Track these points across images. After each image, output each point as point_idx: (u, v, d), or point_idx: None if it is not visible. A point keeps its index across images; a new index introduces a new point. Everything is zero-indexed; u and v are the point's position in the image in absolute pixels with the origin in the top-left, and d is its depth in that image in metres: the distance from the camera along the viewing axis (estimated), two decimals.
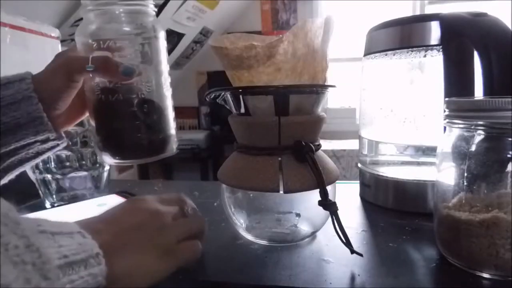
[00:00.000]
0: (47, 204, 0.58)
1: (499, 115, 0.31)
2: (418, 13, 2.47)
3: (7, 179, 0.38)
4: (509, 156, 0.31)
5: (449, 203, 0.36)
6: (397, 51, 0.50)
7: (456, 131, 0.35)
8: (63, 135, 0.39)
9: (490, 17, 0.43)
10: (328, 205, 0.36)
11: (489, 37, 0.40)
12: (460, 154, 0.34)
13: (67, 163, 0.57)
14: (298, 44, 0.39)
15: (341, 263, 0.37)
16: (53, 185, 0.57)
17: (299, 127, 0.39)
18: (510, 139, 0.31)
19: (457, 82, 0.45)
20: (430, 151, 0.52)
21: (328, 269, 0.36)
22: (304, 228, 0.43)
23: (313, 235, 0.43)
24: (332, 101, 2.73)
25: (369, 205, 0.55)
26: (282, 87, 0.39)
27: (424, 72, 0.52)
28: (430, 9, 2.52)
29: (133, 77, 0.36)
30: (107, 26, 0.36)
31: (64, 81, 0.35)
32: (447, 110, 0.36)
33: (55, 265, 0.20)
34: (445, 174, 0.37)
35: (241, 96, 0.40)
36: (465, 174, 0.34)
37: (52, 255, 0.21)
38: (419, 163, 0.55)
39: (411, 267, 0.36)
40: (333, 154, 2.18)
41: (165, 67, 0.39)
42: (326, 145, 2.23)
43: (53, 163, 0.56)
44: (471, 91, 0.43)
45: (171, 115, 0.40)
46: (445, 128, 0.37)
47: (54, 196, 0.58)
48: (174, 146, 0.41)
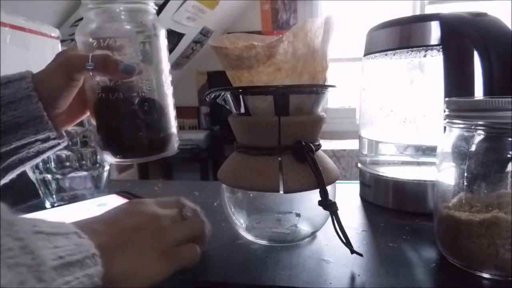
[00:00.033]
0: (47, 204, 0.58)
1: (499, 115, 0.31)
2: (418, 13, 2.47)
3: (8, 179, 0.38)
4: (509, 156, 0.31)
5: (449, 203, 0.36)
6: (397, 51, 0.50)
7: (456, 131, 0.35)
8: (64, 134, 0.39)
9: (490, 17, 0.43)
10: (328, 205, 0.36)
11: (489, 37, 0.40)
12: (460, 154, 0.34)
13: (67, 163, 0.57)
14: (298, 44, 0.39)
15: (341, 263, 0.37)
16: (53, 185, 0.57)
17: (299, 127, 0.39)
18: (510, 139, 0.31)
19: (457, 82, 0.45)
20: (430, 151, 0.52)
21: (328, 269, 0.36)
22: (304, 228, 0.43)
23: (313, 235, 0.43)
24: (332, 101, 2.73)
25: (369, 205, 0.55)
26: (282, 87, 0.39)
27: (424, 72, 0.52)
28: (430, 9, 2.52)
29: (133, 75, 0.35)
30: (107, 24, 0.36)
31: (64, 79, 0.35)
32: (447, 110, 0.36)
33: (50, 266, 0.20)
34: (445, 174, 0.37)
35: (241, 96, 0.40)
36: (465, 174, 0.34)
37: (47, 256, 0.21)
38: (419, 163, 0.55)
39: (411, 267, 0.36)
40: (333, 154, 2.18)
41: (165, 65, 0.39)
42: (326, 145, 2.23)
43: (53, 163, 0.56)
44: (471, 91, 0.43)
45: (172, 113, 0.40)
46: (445, 128, 0.37)
47: (54, 196, 0.58)
48: (175, 145, 0.41)
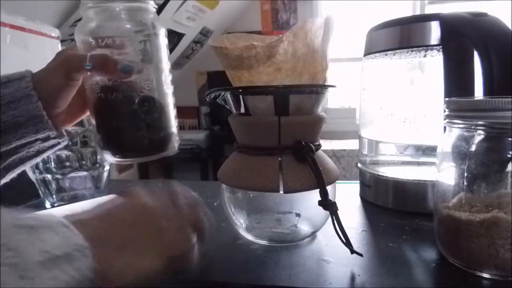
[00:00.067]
0: (47, 204, 0.58)
1: (499, 115, 0.31)
2: (418, 13, 2.47)
3: (8, 178, 0.38)
4: (509, 156, 0.31)
5: (449, 203, 0.36)
6: (397, 51, 0.50)
7: (456, 131, 0.35)
8: (64, 133, 0.39)
9: (490, 17, 0.43)
10: (328, 205, 0.36)
11: (489, 37, 0.40)
12: (460, 154, 0.34)
13: (67, 163, 0.57)
14: (298, 44, 0.39)
15: (341, 263, 0.37)
16: (53, 185, 0.57)
17: (299, 127, 0.39)
18: (510, 139, 0.31)
19: (457, 82, 0.45)
20: (430, 151, 0.52)
21: (328, 269, 0.36)
22: (304, 228, 0.43)
23: (313, 235, 0.43)
24: (332, 101, 2.73)
25: (369, 205, 0.55)
26: (282, 87, 0.39)
27: (424, 72, 0.52)
28: (430, 9, 2.52)
29: (132, 74, 0.35)
30: (106, 23, 0.36)
31: (63, 79, 0.35)
32: (447, 110, 0.36)
33: (35, 262, 0.19)
34: (445, 174, 0.37)
35: (241, 96, 0.40)
36: (465, 174, 0.34)
37: (31, 252, 0.20)
38: (419, 163, 0.55)
39: (411, 267, 0.36)
40: (333, 154, 2.18)
41: (165, 64, 0.39)
42: (326, 145, 2.23)
43: (53, 163, 0.56)
44: (471, 91, 0.43)
45: (172, 113, 0.40)
46: (445, 128, 0.37)
47: (54, 196, 0.58)
48: (175, 144, 0.41)
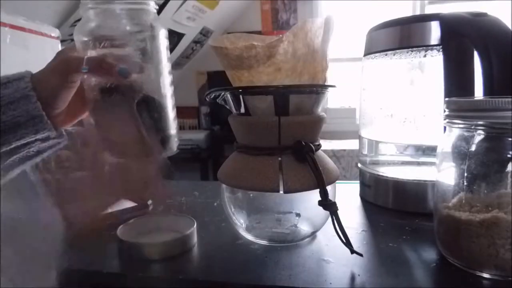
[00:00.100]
0: None
1: (499, 115, 0.31)
2: (418, 13, 2.47)
3: (8, 178, 0.38)
4: (509, 156, 0.31)
5: (449, 203, 0.36)
6: (397, 51, 0.50)
7: (456, 131, 0.35)
8: (64, 133, 0.39)
9: (490, 17, 0.43)
10: (328, 205, 0.36)
11: (489, 37, 0.40)
12: (460, 154, 0.34)
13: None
14: (298, 44, 0.39)
15: (341, 263, 0.37)
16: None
17: (299, 127, 0.39)
18: (510, 139, 0.31)
19: (457, 82, 0.44)
20: (430, 151, 0.52)
21: (328, 269, 0.36)
22: (304, 228, 0.43)
23: (313, 235, 0.43)
24: (332, 101, 2.73)
25: (369, 205, 0.55)
26: (282, 87, 0.39)
27: (424, 72, 0.52)
28: (430, 9, 2.52)
29: (129, 77, 0.35)
30: (106, 24, 0.36)
31: (61, 80, 0.35)
32: (447, 110, 0.36)
33: None
34: (445, 174, 0.37)
35: (241, 96, 0.40)
36: (465, 174, 0.34)
37: None
38: (419, 163, 0.55)
39: (411, 267, 0.36)
40: (333, 154, 2.18)
41: (165, 65, 0.39)
42: (326, 145, 2.23)
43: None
44: (471, 91, 0.43)
45: (171, 114, 0.40)
46: (445, 128, 0.37)
47: None
48: (174, 145, 0.41)
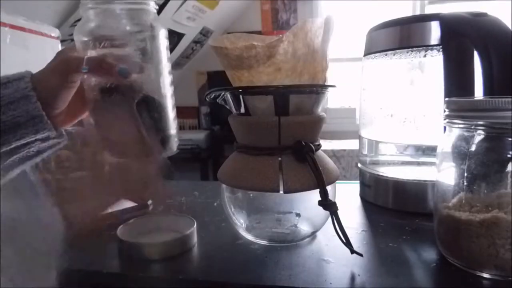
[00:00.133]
0: None
1: (499, 115, 0.31)
2: (418, 13, 2.47)
3: (8, 178, 0.38)
4: (509, 156, 0.31)
5: (449, 203, 0.36)
6: (397, 51, 0.50)
7: (456, 131, 0.35)
8: (64, 133, 0.39)
9: (490, 17, 0.43)
10: (328, 205, 0.36)
11: (489, 37, 0.40)
12: (460, 154, 0.34)
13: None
14: (298, 44, 0.39)
15: (341, 263, 0.37)
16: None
17: (299, 127, 0.39)
18: (510, 139, 0.31)
19: (457, 82, 0.44)
20: (430, 151, 0.52)
21: (328, 269, 0.36)
22: (304, 228, 0.43)
23: (313, 235, 0.43)
24: (332, 101, 2.73)
25: (369, 205, 0.55)
26: (282, 87, 0.39)
27: (424, 72, 0.52)
28: (430, 9, 2.52)
29: (129, 77, 0.35)
30: (106, 24, 0.36)
31: (61, 80, 0.35)
32: (447, 110, 0.36)
33: None
34: (445, 174, 0.37)
35: (241, 96, 0.40)
36: (465, 174, 0.34)
37: None
38: (419, 163, 0.55)
39: (411, 267, 0.36)
40: (333, 154, 2.18)
41: (165, 65, 0.39)
42: (326, 145, 2.23)
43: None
44: (471, 91, 0.43)
45: (171, 114, 0.40)
46: (445, 128, 0.37)
47: None
48: (174, 145, 0.41)
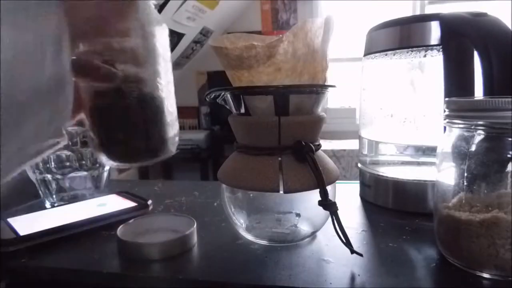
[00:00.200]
0: (47, 204, 0.58)
1: (499, 115, 0.31)
2: (418, 13, 2.47)
3: (8, 177, 0.38)
4: (509, 156, 0.31)
5: (449, 203, 0.36)
6: (397, 51, 0.50)
7: (456, 131, 0.35)
8: (64, 132, 0.39)
9: (490, 17, 0.43)
10: (328, 205, 0.36)
11: (489, 37, 0.40)
12: (460, 154, 0.34)
13: (67, 163, 0.57)
14: (298, 44, 0.39)
15: (341, 263, 0.37)
16: (53, 185, 0.57)
17: (299, 127, 0.39)
18: (510, 139, 0.31)
19: (457, 82, 0.45)
20: (430, 151, 0.52)
21: (328, 269, 0.36)
22: (304, 228, 0.43)
23: (313, 235, 0.43)
24: (332, 101, 2.73)
25: (369, 205, 0.55)
26: (282, 87, 0.39)
27: (424, 72, 0.52)
28: (430, 9, 2.53)
29: (116, 81, 0.33)
30: None
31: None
32: (447, 110, 0.36)
33: None
34: (445, 174, 0.37)
35: (241, 96, 0.40)
36: (465, 174, 0.34)
37: None
38: (419, 163, 0.55)
39: (411, 267, 0.36)
40: (333, 154, 2.19)
41: (164, 66, 0.37)
42: (326, 145, 2.23)
43: (53, 163, 0.56)
44: (471, 91, 0.43)
45: (169, 116, 0.38)
46: (445, 128, 0.37)
47: (54, 196, 0.58)
48: (172, 148, 0.40)
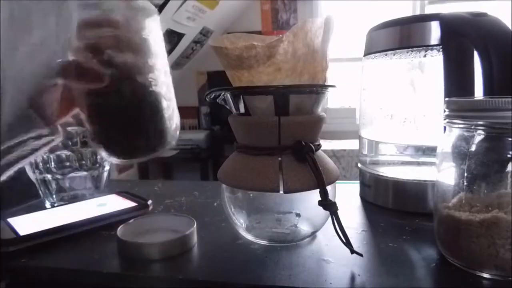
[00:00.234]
0: (47, 204, 0.58)
1: (499, 115, 0.31)
2: (418, 13, 2.47)
3: (5, 176, 0.38)
4: (509, 156, 0.31)
5: (449, 203, 0.36)
6: (397, 51, 0.50)
7: (456, 131, 0.35)
8: (59, 128, 0.39)
9: (490, 17, 0.43)
10: (328, 205, 0.36)
11: (489, 37, 0.40)
12: (460, 154, 0.34)
13: (67, 163, 0.57)
14: (298, 44, 0.39)
15: (341, 263, 0.37)
16: (53, 185, 0.57)
17: (299, 127, 0.39)
18: (510, 139, 0.31)
19: (457, 82, 0.44)
20: (430, 151, 0.52)
21: (328, 269, 0.36)
22: (304, 228, 0.43)
23: (313, 235, 0.43)
24: (332, 101, 2.73)
25: (369, 205, 0.55)
26: (282, 87, 0.39)
27: (424, 72, 0.52)
28: (430, 9, 2.53)
29: (105, 82, 0.33)
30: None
31: (37, 85, 0.34)
32: (447, 110, 0.36)
33: None
34: (445, 174, 0.37)
35: (241, 96, 0.40)
36: (465, 174, 0.34)
37: None
38: (419, 163, 0.55)
39: (411, 267, 0.36)
40: (333, 154, 2.19)
41: (159, 60, 0.37)
42: (326, 145, 2.23)
43: (53, 163, 0.56)
44: (471, 91, 0.43)
45: (167, 110, 0.38)
46: (445, 128, 0.37)
47: (54, 196, 0.58)
48: (172, 140, 0.39)
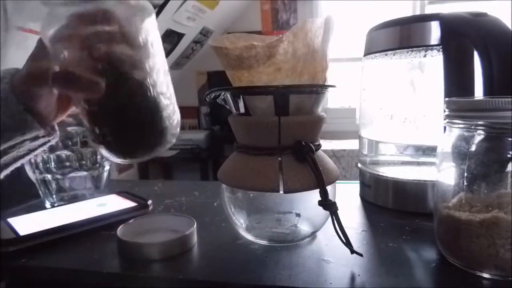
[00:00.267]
0: (47, 204, 0.58)
1: (499, 115, 0.31)
2: (418, 13, 2.47)
3: (2, 175, 0.38)
4: (509, 156, 0.31)
5: (449, 203, 0.36)
6: (397, 51, 0.50)
7: (456, 131, 0.35)
8: (56, 128, 0.38)
9: (490, 17, 0.43)
10: (328, 205, 0.36)
11: (489, 37, 0.40)
12: (460, 154, 0.34)
13: (67, 163, 0.57)
14: (298, 44, 0.39)
15: (341, 263, 0.37)
16: (53, 185, 0.57)
17: (299, 127, 0.39)
18: (510, 139, 0.31)
19: (457, 82, 0.45)
20: (430, 151, 0.52)
21: (328, 269, 0.36)
22: (304, 228, 0.43)
23: (313, 235, 0.43)
24: (332, 101, 2.73)
25: (369, 205, 0.55)
26: (282, 87, 0.39)
27: (424, 72, 0.52)
28: (430, 9, 2.53)
29: (100, 91, 0.32)
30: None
31: (33, 90, 0.34)
32: (447, 110, 0.36)
33: None
34: (445, 174, 0.37)
35: (241, 96, 0.40)
36: (465, 174, 0.34)
37: None
38: (419, 163, 0.55)
39: (411, 267, 0.36)
40: (333, 154, 2.19)
41: (155, 58, 0.36)
42: (326, 145, 2.23)
43: (53, 163, 0.56)
44: (471, 91, 0.43)
45: (166, 110, 0.37)
46: (445, 128, 0.37)
47: (54, 196, 0.58)
48: (172, 138, 0.39)
